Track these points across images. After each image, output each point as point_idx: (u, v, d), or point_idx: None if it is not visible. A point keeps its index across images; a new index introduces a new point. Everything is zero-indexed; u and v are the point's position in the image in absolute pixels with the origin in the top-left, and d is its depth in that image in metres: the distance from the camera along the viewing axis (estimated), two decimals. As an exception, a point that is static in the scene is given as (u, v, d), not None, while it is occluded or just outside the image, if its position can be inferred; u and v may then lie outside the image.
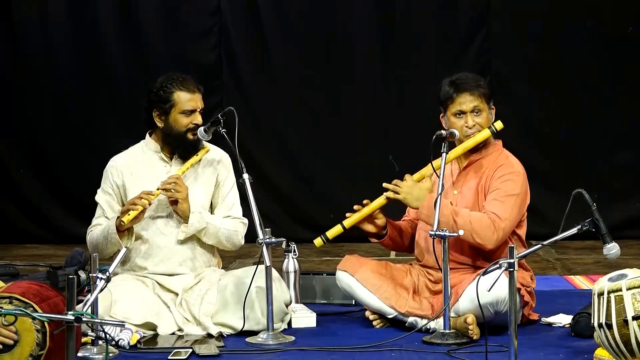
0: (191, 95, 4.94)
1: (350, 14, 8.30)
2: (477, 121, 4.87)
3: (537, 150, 8.25)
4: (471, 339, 4.55)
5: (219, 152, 5.09)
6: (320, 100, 8.39)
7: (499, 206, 4.76)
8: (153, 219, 4.94)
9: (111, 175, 5.01)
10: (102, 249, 4.87)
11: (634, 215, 8.18)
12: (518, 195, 4.82)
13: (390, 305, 4.85)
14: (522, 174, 4.89)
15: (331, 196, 8.32)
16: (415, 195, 4.83)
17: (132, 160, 5.03)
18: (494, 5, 8.23)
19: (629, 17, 8.13)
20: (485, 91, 4.92)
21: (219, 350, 4.43)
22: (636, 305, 3.72)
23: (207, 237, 4.93)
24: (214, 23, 8.37)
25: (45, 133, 8.49)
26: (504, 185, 4.82)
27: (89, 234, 4.96)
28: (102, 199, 4.99)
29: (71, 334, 3.30)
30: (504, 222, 4.73)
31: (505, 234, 4.76)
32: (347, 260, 5.03)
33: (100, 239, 4.87)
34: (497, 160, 4.91)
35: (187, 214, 4.88)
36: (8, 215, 8.53)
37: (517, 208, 4.80)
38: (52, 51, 8.44)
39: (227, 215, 5.00)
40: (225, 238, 4.95)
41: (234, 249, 5.05)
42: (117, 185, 4.98)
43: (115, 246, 4.82)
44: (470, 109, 4.86)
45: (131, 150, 5.09)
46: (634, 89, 8.17)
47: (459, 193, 4.91)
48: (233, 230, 4.97)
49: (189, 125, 4.92)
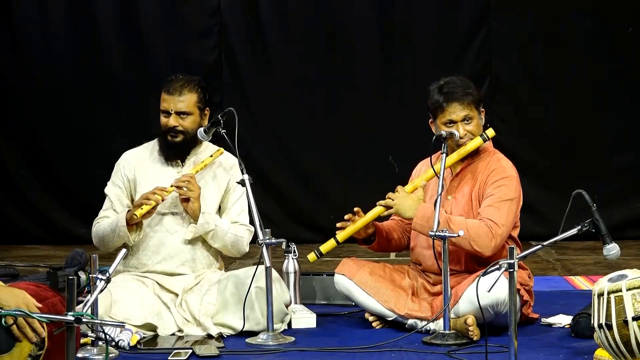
0: (167, 96, 4.95)
1: (350, 14, 8.31)
2: (468, 129, 4.83)
3: (537, 150, 8.26)
4: (471, 339, 4.55)
5: (232, 159, 5.07)
6: (320, 100, 8.40)
7: (494, 212, 4.74)
8: (161, 216, 4.94)
9: (123, 168, 5.02)
10: (108, 241, 4.88)
11: (634, 215, 8.19)
12: (513, 200, 4.79)
13: (389, 308, 4.84)
14: (514, 177, 4.85)
15: (331, 196, 8.33)
16: (407, 206, 4.81)
17: (145, 156, 5.04)
18: (494, 5, 8.24)
19: (629, 17, 8.14)
20: (474, 97, 4.85)
21: (219, 351, 4.43)
22: (636, 306, 3.71)
23: (213, 240, 4.93)
24: (214, 23, 8.38)
25: (45, 133, 8.50)
26: (498, 190, 4.79)
27: (95, 225, 4.95)
28: (111, 192, 5.00)
29: (71, 334, 3.30)
30: (501, 228, 4.71)
31: (502, 240, 4.74)
32: (344, 263, 5.02)
33: (107, 231, 4.87)
34: (489, 165, 4.87)
35: (197, 214, 4.88)
36: (8, 215, 8.54)
37: (512, 213, 4.78)
38: (52, 51, 8.44)
39: (235, 221, 5.00)
40: (231, 243, 4.95)
41: (238, 256, 5.05)
42: (128, 179, 4.99)
43: (123, 239, 4.83)
44: (461, 119, 4.82)
45: (144, 147, 5.10)
46: (634, 89, 8.18)
47: (453, 199, 4.89)
48: (240, 237, 4.97)
49: (165, 125, 4.93)
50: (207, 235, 4.91)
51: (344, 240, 4.92)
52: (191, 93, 4.96)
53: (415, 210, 4.76)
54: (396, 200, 4.83)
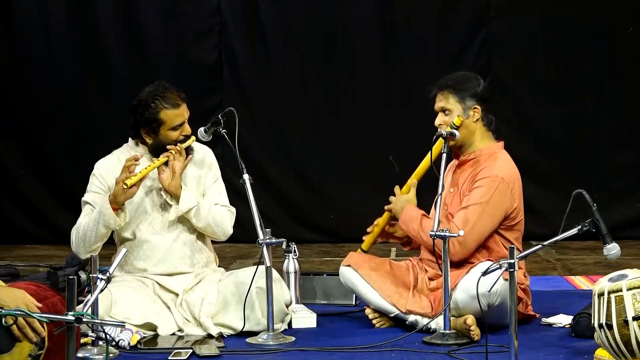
0: (177, 111, 4.89)
1: (350, 14, 8.30)
2: (444, 120, 4.84)
3: (537, 150, 8.26)
4: (471, 339, 4.55)
5: (202, 149, 5.07)
6: (320, 100, 8.39)
7: (461, 217, 4.72)
8: (148, 220, 4.93)
9: (100, 176, 4.94)
10: (90, 235, 4.78)
11: (634, 215, 8.19)
12: (487, 202, 4.72)
13: (392, 303, 4.84)
14: (499, 178, 4.75)
15: (331, 196, 8.32)
16: (399, 207, 4.90)
17: (120, 163, 4.92)
18: (494, 5, 8.23)
19: (629, 17, 8.14)
20: (457, 89, 4.82)
21: (219, 351, 4.43)
22: (636, 306, 3.71)
23: (197, 218, 4.88)
24: (214, 23, 8.37)
25: (45, 133, 8.49)
26: (474, 192, 4.76)
27: (74, 229, 4.88)
28: (90, 198, 4.93)
29: (71, 334, 3.30)
30: (465, 235, 4.65)
31: (468, 246, 4.72)
32: (351, 256, 5.05)
33: (89, 224, 4.79)
34: (486, 161, 4.84)
35: (179, 193, 4.85)
36: (8, 215, 8.53)
37: (485, 217, 4.72)
38: (52, 51, 8.44)
39: (216, 202, 4.98)
40: (214, 222, 4.91)
41: (224, 238, 5.01)
42: (108, 186, 4.90)
43: (108, 225, 4.75)
44: (440, 109, 4.87)
45: (117, 155, 5.02)
46: (634, 89, 8.17)
47: (455, 191, 4.89)
48: (221, 216, 4.95)
49: (179, 137, 4.92)
50: (189, 213, 4.87)
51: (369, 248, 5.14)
52: (184, 100, 4.96)
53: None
54: (392, 203, 4.95)
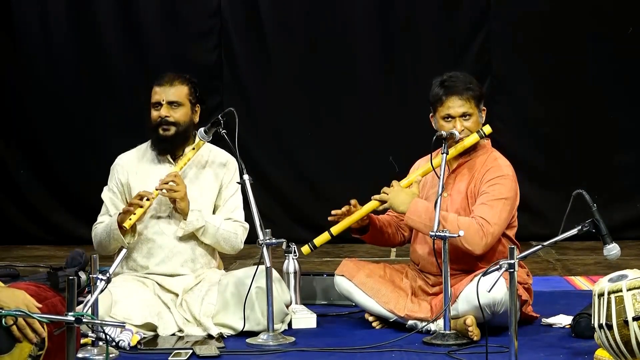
0: (158, 88, 4.94)
1: (350, 14, 8.31)
2: (466, 126, 4.82)
3: (537, 150, 8.26)
4: (471, 339, 4.55)
5: (225, 156, 5.07)
6: (320, 101, 8.40)
7: (487, 210, 4.72)
8: (155, 219, 4.94)
9: (117, 173, 5.03)
10: (106, 245, 4.90)
11: (634, 215, 8.19)
12: (507, 199, 4.76)
13: (389, 309, 4.83)
14: (510, 176, 4.82)
15: (331, 196, 8.30)
16: (400, 200, 4.80)
17: (138, 158, 5.04)
18: (494, 5, 8.24)
19: (629, 17, 8.14)
20: (475, 93, 4.83)
21: (220, 351, 4.43)
22: (636, 306, 3.71)
23: (205, 237, 4.92)
24: (214, 24, 8.38)
25: (45, 133, 8.50)
26: (493, 189, 4.77)
27: (94, 230, 4.98)
28: (106, 197, 5.02)
29: (71, 335, 3.30)
30: (493, 226, 4.69)
31: (494, 239, 4.73)
32: (344, 265, 5.03)
33: (103, 235, 4.89)
34: (486, 163, 4.86)
35: (187, 212, 4.87)
36: (8, 216, 8.54)
37: (506, 212, 4.76)
38: (52, 51, 8.45)
39: (229, 218, 5.00)
40: (223, 240, 4.94)
41: (233, 253, 5.04)
42: (122, 183, 4.99)
43: (119, 242, 4.84)
44: (459, 114, 4.81)
45: (137, 149, 5.10)
46: (634, 89, 8.18)
47: (449, 196, 4.88)
48: (233, 233, 4.96)
49: (157, 119, 4.92)
50: (197, 232, 4.90)
51: (338, 235, 4.95)
52: (182, 85, 4.96)
53: (409, 204, 4.76)
54: (390, 194, 4.83)
